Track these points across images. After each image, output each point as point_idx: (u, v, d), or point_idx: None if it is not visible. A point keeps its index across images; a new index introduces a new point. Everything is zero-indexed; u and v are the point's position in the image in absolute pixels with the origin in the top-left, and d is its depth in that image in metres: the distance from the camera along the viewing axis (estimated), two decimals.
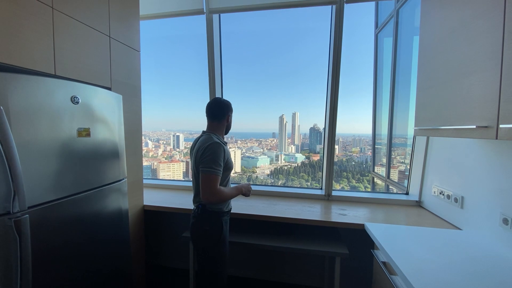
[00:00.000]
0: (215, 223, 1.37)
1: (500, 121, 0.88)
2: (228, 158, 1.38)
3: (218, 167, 1.28)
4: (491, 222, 1.27)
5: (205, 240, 1.37)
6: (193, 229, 1.41)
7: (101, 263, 1.44)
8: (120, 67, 1.65)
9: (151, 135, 4.51)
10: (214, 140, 1.32)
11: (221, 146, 1.32)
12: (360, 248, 1.94)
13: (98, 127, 1.39)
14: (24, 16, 1.10)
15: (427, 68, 1.37)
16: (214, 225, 1.37)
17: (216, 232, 1.36)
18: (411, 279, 0.96)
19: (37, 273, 1.07)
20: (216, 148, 1.29)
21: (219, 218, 1.39)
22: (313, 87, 4.53)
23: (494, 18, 0.92)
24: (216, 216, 1.38)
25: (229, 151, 1.42)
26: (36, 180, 1.09)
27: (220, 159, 1.29)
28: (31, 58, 1.13)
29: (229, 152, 1.44)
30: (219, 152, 1.29)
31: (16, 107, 1.01)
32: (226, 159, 1.34)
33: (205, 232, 1.36)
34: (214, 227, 1.37)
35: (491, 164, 1.31)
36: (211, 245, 1.36)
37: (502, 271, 1.03)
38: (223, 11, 2.17)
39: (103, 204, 1.45)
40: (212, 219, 1.37)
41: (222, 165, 1.30)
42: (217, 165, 1.27)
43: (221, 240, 1.38)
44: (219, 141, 1.33)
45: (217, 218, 1.38)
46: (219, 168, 1.28)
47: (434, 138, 1.83)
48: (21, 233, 0.99)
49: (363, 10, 3.33)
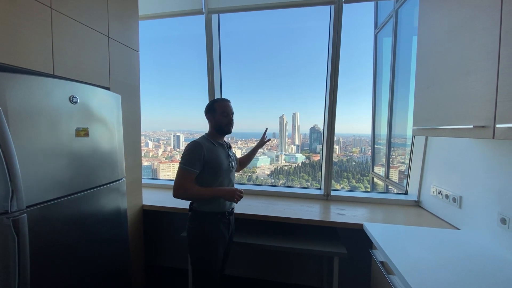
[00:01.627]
0: (198, 223, 1.39)
1: (497, 120, 0.88)
2: (211, 157, 1.36)
3: (190, 164, 1.32)
4: (489, 222, 1.27)
5: (191, 239, 1.39)
6: (186, 228, 1.45)
7: (99, 262, 1.45)
8: (119, 67, 1.66)
9: (151, 135, 4.51)
10: (195, 139, 1.40)
11: (199, 145, 1.34)
12: (358, 248, 1.94)
13: (97, 127, 1.40)
14: (23, 16, 1.10)
15: (425, 68, 1.37)
16: (197, 225, 1.39)
17: (199, 232, 1.38)
18: (408, 279, 0.96)
19: (35, 272, 1.08)
20: (192, 146, 1.35)
21: (203, 219, 1.39)
22: (314, 87, 4.52)
23: (491, 18, 0.92)
24: (201, 216, 1.39)
25: (215, 150, 1.40)
26: (34, 179, 1.09)
27: (194, 157, 1.32)
28: (29, 58, 1.13)
29: (218, 151, 1.41)
30: (194, 150, 1.34)
31: (15, 107, 1.01)
32: (205, 157, 1.34)
33: (190, 231, 1.40)
34: (197, 227, 1.39)
35: (489, 164, 1.31)
36: (195, 245, 1.38)
37: (500, 271, 1.03)
38: (222, 11, 2.17)
39: (102, 204, 1.46)
40: (197, 219, 1.40)
41: (197, 163, 1.32)
42: (188, 162, 1.32)
43: (205, 241, 1.37)
44: (198, 141, 1.37)
45: (202, 218, 1.39)
46: (191, 165, 1.32)
47: (432, 138, 1.83)
48: (19, 233, 1.00)
49: (362, 10, 3.33)
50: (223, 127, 1.45)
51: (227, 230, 1.46)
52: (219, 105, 1.46)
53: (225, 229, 1.43)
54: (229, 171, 1.46)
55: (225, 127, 1.46)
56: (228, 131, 1.48)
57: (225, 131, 1.47)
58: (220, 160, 1.40)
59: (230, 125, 1.47)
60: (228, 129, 1.47)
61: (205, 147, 1.36)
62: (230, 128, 1.48)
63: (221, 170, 1.40)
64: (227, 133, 1.49)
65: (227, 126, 1.46)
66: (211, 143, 1.42)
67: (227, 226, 1.45)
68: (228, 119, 1.46)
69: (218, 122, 1.45)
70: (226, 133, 1.49)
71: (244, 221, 1.92)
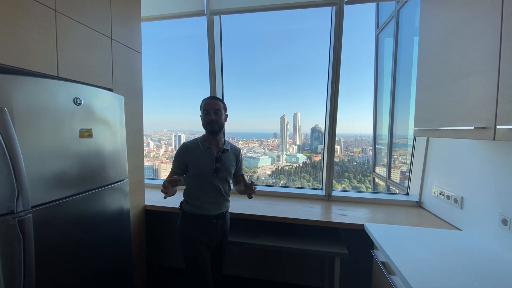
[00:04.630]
0: (184, 224, 1.44)
1: (497, 122, 0.88)
2: (191, 160, 1.38)
3: (174, 165, 1.44)
4: (491, 223, 1.27)
5: (179, 238, 1.45)
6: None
7: (102, 261, 1.46)
8: (121, 68, 1.67)
9: (152, 135, 4.53)
10: (189, 139, 1.48)
11: (183, 146, 1.44)
12: (360, 248, 1.94)
13: (100, 128, 1.41)
14: (28, 19, 1.12)
15: (426, 68, 1.37)
16: (183, 225, 1.44)
17: (184, 233, 1.42)
18: (410, 279, 0.96)
19: (40, 271, 1.09)
20: (178, 148, 1.46)
21: (189, 220, 1.43)
22: (314, 87, 4.53)
23: (492, 19, 0.93)
24: (187, 217, 1.44)
25: (198, 153, 1.39)
26: (39, 180, 1.11)
27: (177, 158, 1.42)
28: (34, 60, 1.15)
29: (201, 154, 1.39)
30: (178, 152, 1.44)
31: (20, 108, 1.03)
32: (186, 159, 1.39)
33: (178, 230, 1.46)
34: (183, 227, 1.44)
35: (491, 165, 1.31)
36: (181, 245, 1.43)
37: (501, 272, 1.03)
38: (224, 12, 2.18)
39: (105, 204, 1.47)
40: (184, 219, 1.45)
41: (180, 165, 1.42)
42: (174, 163, 1.44)
43: (189, 241, 1.40)
44: (186, 142, 1.45)
45: (188, 219, 1.43)
46: (175, 166, 1.43)
47: (434, 139, 1.83)
48: (24, 232, 1.01)
49: (364, 11, 3.33)
50: (205, 126, 1.40)
51: (214, 233, 1.43)
52: (203, 103, 1.42)
53: (211, 232, 1.42)
54: (213, 176, 1.38)
55: (206, 126, 1.39)
56: (209, 130, 1.39)
57: (207, 130, 1.40)
58: (200, 163, 1.38)
59: (211, 123, 1.36)
60: (209, 127, 1.38)
61: (189, 149, 1.41)
62: (212, 126, 1.37)
63: (201, 174, 1.38)
64: (210, 132, 1.39)
65: (209, 125, 1.37)
66: (198, 145, 1.42)
67: (213, 229, 1.42)
68: (209, 117, 1.36)
69: (203, 122, 1.42)
70: (210, 132, 1.40)
71: (245, 221, 1.93)
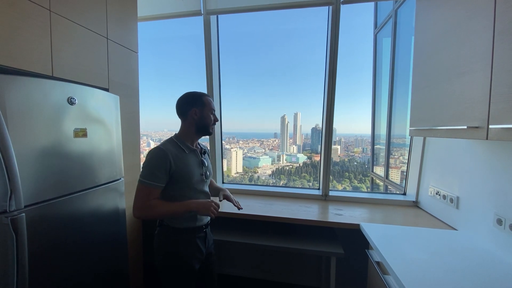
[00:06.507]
0: (171, 243, 1.19)
1: (490, 121, 0.88)
2: (179, 167, 1.13)
3: (152, 177, 1.08)
4: (486, 223, 1.27)
5: (163, 263, 1.19)
6: (154, 248, 1.23)
7: (98, 262, 1.46)
8: (117, 68, 1.67)
9: (153, 135, 4.54)
10: (158, 146, 1.15)
11: (163, 153, 1.10)
12: (355, 248, 1.94)
13: (95, 127, 1.41)
14: (22, 18, 1.12)
15: (422, 68, 1.37)
16: (170, 245, 1.19)
17: (172, 255, 1.18)
18: (403, 279, 0.96)
19: (33, 271, 1.09)
20: (153, 155, 1.11)
21: (177, 236, 1.19)
22: (315, 87, 4.53)
23: (485, 19, 0.92)
24: (174, 233, 1.19)
25: (185, 158, 1.17)
26: (32, 179, 1.11)
27: (156, 168, 1.09)
28: (28, 60, 1.15)
29: (188, 159, 1.18)
30: (156, 160, 1.10)
31: (13, 108, 1.03)
32: (171, 168, 1.11)
33: (160, 251, 1.21)
34: (169, 247, 1.19)
35: (485, 165, 1.30)
36: (168, 269, 1.18)
37: (495, 271, 1.02)
38: (220, 12, 2.18)
39: (100, 204, 1.47)
40: (169, 237, 1.20)
41: (161, 176, 1.09)
42: (149, 175, 1.08)
43: (180, 264, 1.18)
44: (162, 148, 1.12)
45: (176, 236, 1.19)
46: (154, 179, 1.08)
47: (430, 139, 1.83)
48: (17, 232, 1.01)
49: (362, 10, 3.32)
50: (208, 127, 1.25)
51: (204, 244, 1.26)
52: (207, 100, 1.24)
53: (202, 244, 1.24)
54: (202, 182, 1.25)
55: (211, 128, 1.26)
56: (209, 132, 1.27)
57: (210, 132, 1.27)
58: (189, 170, 1.17)
59: (214, 125, 1.30)
60: (212, 129, 1.28)
61: (172, 155, 1.12)
62: (213, 128, 1.31)
63: (191, 183, 1.18)
64: (208, 134, 1.29)
65: (213, 125, 1.28)
66: (181, 148, 1.18)
67: (203, 240, 1.26)
68: (214, 117, 1.27)
69: (205, 120, 1.23)
70: (208, 134, 1.28)
71: (242, 221, 1.93)
